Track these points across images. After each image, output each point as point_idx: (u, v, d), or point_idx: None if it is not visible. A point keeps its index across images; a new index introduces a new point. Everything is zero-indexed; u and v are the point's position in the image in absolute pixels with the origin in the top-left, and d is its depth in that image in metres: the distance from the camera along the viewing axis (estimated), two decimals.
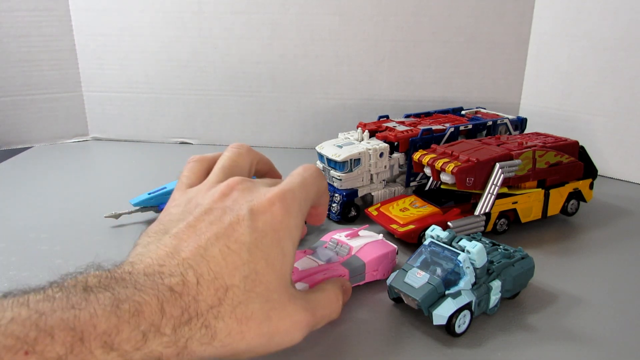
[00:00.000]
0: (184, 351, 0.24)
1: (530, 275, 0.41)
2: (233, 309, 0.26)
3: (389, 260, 0.43)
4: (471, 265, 0.36)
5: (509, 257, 0.40)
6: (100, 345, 0.21)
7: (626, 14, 0.66)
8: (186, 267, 0.26)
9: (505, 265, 0.39)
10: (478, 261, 0.36)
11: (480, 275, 0.37)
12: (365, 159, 0.55)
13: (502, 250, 0.41)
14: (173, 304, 0.24)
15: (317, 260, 0.41)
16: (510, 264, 0.39)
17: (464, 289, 0.36)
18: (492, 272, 0.38)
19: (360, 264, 0.41)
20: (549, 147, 0.52)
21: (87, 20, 0.81)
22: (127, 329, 0.22)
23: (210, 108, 0.84)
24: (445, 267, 0.37)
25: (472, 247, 0.36)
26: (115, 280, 0.24)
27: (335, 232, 0.45)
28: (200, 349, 0.25)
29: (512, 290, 0.40)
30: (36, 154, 0.81)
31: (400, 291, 0.37)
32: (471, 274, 0.36)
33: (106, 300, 0.22)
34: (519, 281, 0.40)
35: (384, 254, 0.43)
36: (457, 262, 0.36)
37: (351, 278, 0.40)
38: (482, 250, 0.36)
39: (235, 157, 0.37)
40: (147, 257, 0.26)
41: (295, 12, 0.78)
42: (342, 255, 0.42)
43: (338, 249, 0.42)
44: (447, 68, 0.79)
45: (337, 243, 0.43)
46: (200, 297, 0.25)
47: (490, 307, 0.38)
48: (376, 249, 0.43)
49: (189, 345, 0.25)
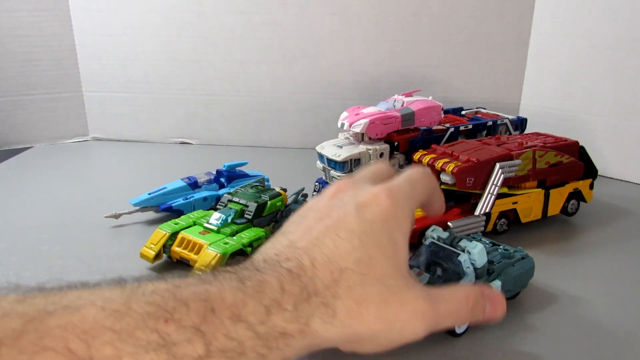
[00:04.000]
0: (307, 329, 0.25)
1: (531, 275, 0.41)
2: (349, 290, 0.26)
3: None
4: (471, 266, 0.36)
5: (509, 257, 0.40)
6: (229, 316, 0.23)
7: (626, 14, 0.66)
8: (301, 253, 0.27)
9: (506, 265, 0.39)
10: (478, 261, 0.36)
11: (480, 276, 0.37)
12: (365, 159, 0.55)
13: (502, 251, 0.41)
14: (292, 283, 0.25)
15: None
16: (510, 264, 0.39)
17: None
18: (492, 272, 0.38)
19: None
20: (549, 147, 0.52)
21: (87, 20, 0.81)
22: (251, 303, 0.24)
23: (210, 108, 0.84)
24: (446, 268, 0.36)
25: (473, 247, 0.36)
26: (239, 267, 0.26)
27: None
28: (322, 327, 0.25)
29: (512, 291, 0.39)
30: (36, 154, 0.81)
31: None
32: (472, 275, 0.36)
33: (232, 278, 0.24)
34: (519, 281, 0.40)
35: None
36: (457, 263, 0.36)
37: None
38: (483, 250, 0.36)
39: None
40: (265, 252, 0.28)
41: (295, 12, 0.78)
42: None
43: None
44: (447, 68, 0.79)
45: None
46: (316, 278, 0.26)
47: None
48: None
49: (311, 323, 0.25)
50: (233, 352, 0.23)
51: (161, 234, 0.46)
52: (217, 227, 0.46)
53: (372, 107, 0.59)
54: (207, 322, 0.22)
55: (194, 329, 0.22)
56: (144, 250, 0.46)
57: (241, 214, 0.47)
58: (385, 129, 0.56)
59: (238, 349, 0.23)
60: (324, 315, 0.26)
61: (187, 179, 0.58)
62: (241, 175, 0.60)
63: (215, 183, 0.59)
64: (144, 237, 0.47)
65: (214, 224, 0.46)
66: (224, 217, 0.46)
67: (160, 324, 0.21)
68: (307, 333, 0.25)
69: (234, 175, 0.60)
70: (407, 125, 0.58)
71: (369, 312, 0.27)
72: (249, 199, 0.48)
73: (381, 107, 0.59)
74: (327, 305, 0.26)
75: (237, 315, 0.23)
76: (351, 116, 0.57)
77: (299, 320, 0.25)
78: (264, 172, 0.62)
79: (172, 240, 0.45)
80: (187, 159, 0.79)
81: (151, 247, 0.45)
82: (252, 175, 0.61)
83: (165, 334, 0.21)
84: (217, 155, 0.76)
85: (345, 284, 0.26)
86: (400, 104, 0.58)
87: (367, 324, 0.27)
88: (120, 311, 0.21)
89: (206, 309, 0.23)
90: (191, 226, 0.47)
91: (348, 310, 0.26)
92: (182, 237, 0.45)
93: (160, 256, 0.45)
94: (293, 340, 0.25)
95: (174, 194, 0.56)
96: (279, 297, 0.25)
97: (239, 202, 0.48)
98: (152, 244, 0.46)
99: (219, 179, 0.59)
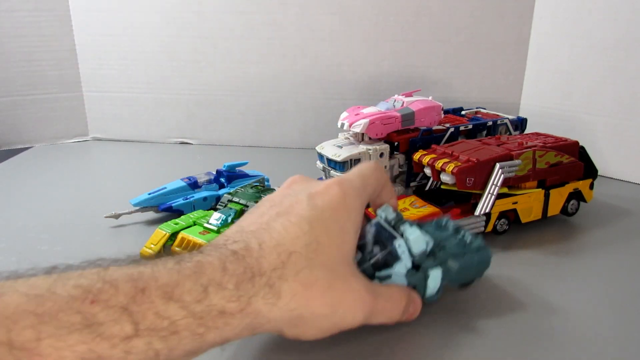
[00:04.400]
0: (249, 308, 0.25)
1: (485, 266, 0.39)
2: (296, 272, 0.27)
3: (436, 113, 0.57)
4: (407, 251, 0.35)
5: (463, 245, 0.38)
6: (160, 296, 0.23)
7: (626, 14, 0.66)
8: (249, 236, 0.27)
9: (453, 254, 0.37)
10: (414, 248, 0.35)
11: (419, 262, 0.35)
12: (365, 159, 0.55)
13: (459, 239, 0.39)
14: (235, 263, 0.25)
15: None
16: (460, 254, 0.37)
17: (397, 273, 0.35)
18: (436, 259, 0.36)
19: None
20: (549, 147, 0.52)
21: (87, 20, 0.81)
22: (187, 283, 0.24)
23: (210, 108, 0.84)
24: (382, 249, 0.35)
25: (410, 233, 0.35)
26: (184, 253, 0.26)
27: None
28: (265, 308, 0.26)
29: (458, 280, 0.38)
30: (36, 154, 0.81)
31: None
32: (407, 259, 0.35)
33: (169, 262, 0.24)
34: (467, 272, 0.38)
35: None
36: (392, 246, 0.35)
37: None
38: (419, 238, 0.35)
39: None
40: (216, 239, 0.28)
41: (295, 12, 0.78)
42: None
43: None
44: (447, 68, 0.79)
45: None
46: (263, 259, 0.26)
47: (428, 295, 0.36)
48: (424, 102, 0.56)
49: (254, 303, 0.25)
50: (165, 331, 0.23)
51: (161, 234, 0.46)
52: (217, 227, 0.46)
53: (372, 107, 0.59)
54: (136, 302, 0.22)
55: (122, 309, 0.22)
56: (143, 250, 0.46)
57: (241, 214, 0.47)
58: (385, 129, 0.56)
59: (170, 327, 0.23)
60: (268, 296, 0.26)
61: (187, 179, 0.58)
62: (241, 175, 0.60)
63: (215, 183, 0.59)
64: (144, 237, 0.47)
65: (214, 224, 0.46)
66: (224, 217, 0.46)
67: (86, 306, 0.21)
68: (248, 312, 0.25)
69: (234, 175, 0.60)
70: (407, 125, 0.58)
71: (314, 295, 0.27)
72: (249, 199, 0.48)
73: (381, 107, 0.59)
74: (271, 286, 0.26)
75: (169, 295, 0.23)
76: (351, 116, 0.57)
77: (240, 300, 0.25)
78: (264, 172, 0.62)
79: (172, 241, 0.46)
80: (187, 159, 0.79)
81: (151, 247, 0.45)
82: (252, 175, 0.61)
83: (91, 314, 0.21)
84: (217, 155, 0.76)
85: (292, 267, 0.27)
86: (400, 104, 0.58)
87: (312, 307, 0.27)
88: (43, 296, 0.21)
89: (136, 289, 0.23)
90: (191, 226, 0.47)
91: (294, 292, 0.26)
92: (182, 237, 0.45)
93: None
94: (233, 319, 0.25)
95: (174, 194, 0.56)
96: (219, 277, 0.25)
97: (239, 202, 0.48)
98: (152, 244, 0.46)
99: (219, 179, 0.59)
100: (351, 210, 0.31)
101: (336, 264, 0.28)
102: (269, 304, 0.26)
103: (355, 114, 0.57)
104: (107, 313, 0.22)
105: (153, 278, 0.23)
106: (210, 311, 0.24)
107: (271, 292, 0.26)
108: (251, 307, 0.25)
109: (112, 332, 0.21)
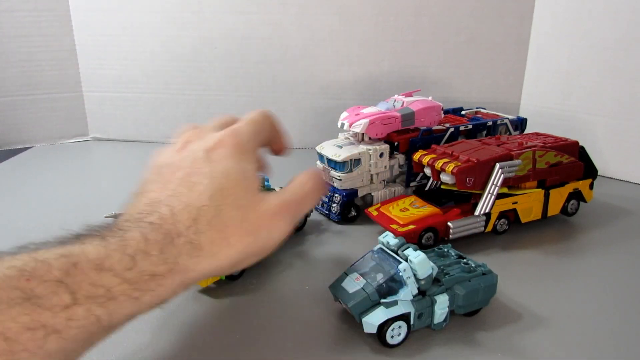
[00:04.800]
0: (177, 267, 0.27)
1: (492, 292, 0.38)
2: (209, 222, 0.28)
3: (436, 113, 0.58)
4: (412, 276, 0.35)
5: (469, 271, 0.38)
6: (93, 268, 0.24)
7: (626, 14, 0.66)
8: (161, 206, 0.29)
9: (459, 280, 0.37)
10: (420, 272, 0.35)
11: (424, 287, 0.35)
12: (365, 159, 0.55)
13: (463, 265, 0.39)
14: (155, 232, 0.27)
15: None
16: (465, 279, 0.37)
17: (403, 299, 0.35)
18: (441, 285, 0.36)
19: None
20: (549, 147, 0.52)
21: (87, 20, 0.81)
22: (116, 255, 0.25)
23: (210, 108, 0.84)
24: (386, 275, 0.35)
25: (415, 257, 0.35)
26: (104, 230, 0.27)
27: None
28: (192, 262, 0.27)
29: (465, 307, 0.37)
30: (36, 154, 0.81)
31: (335, 295, 0.37)
32: (412, 285, 0.35)
33: (95, 239, 0.26)
34: (474, 298, 0.37)
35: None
36: (397, 271, 0.35)
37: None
38: (425, 261, 0.35)
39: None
40: (128, 213, 0.30)
41: (295, 12, 0.78)
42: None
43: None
44: (447, 68, 0.79)
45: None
46: (177, 222, 0.28)
47: (436, 322, 0.36)
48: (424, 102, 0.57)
49: (180, 261, 0.27)
50: (103, 298, 0.24)
51: None
52: None
53: (372, 107, 0.59)
54: (70, 275, 0.23)
55: (58, 282, 0.23)
56: None
57: None
58: (385, 129, 0.56)
59: (107, 294, 0.24)
60: (191, 251, 0.27)
61: None
62: None
63: None
64: None
65: None
66: None
67: (22, 282, 0.22)
68: (177, 271, 0.27)
69: None
70: (407, 125, 0.58)
71: (232, 233, 0.29)
72: None
73: (381, 107, 0.59)
74: (191, 242, 0.28)
75: (100, 266, 0.24)
76: (351, 116, 0.57)
77: (166, 262, 0.26)
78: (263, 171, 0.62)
79: None
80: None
81: None
82: None
83: (29, 289, 0.22)
84: None
85: (204, 219, 0.28)
86: (400, 104, 0.58)
87: (233, 244, 0.29)
88: None
89: (69, 264, 0.24)
90: None
91: (212, 240, 0.28)
92: None
93: None
94: (164, 279, 0.26)
95: None
96: (143, 247, 0.26)
97: None
98: None
99: None
100: (247, 153, 0.33)
101: (242, 199, 0.30)
102: (194, 257, 0.27)
103: (355, 114, 0.57)
104: (44, 287, 0.23)
105: (83, 254, 0.24)
106: (142, 276, 0.26)
107: (192, 247, 0.28)
108: (179, 265, 0.27)
109: (51, 303, 0.23)
